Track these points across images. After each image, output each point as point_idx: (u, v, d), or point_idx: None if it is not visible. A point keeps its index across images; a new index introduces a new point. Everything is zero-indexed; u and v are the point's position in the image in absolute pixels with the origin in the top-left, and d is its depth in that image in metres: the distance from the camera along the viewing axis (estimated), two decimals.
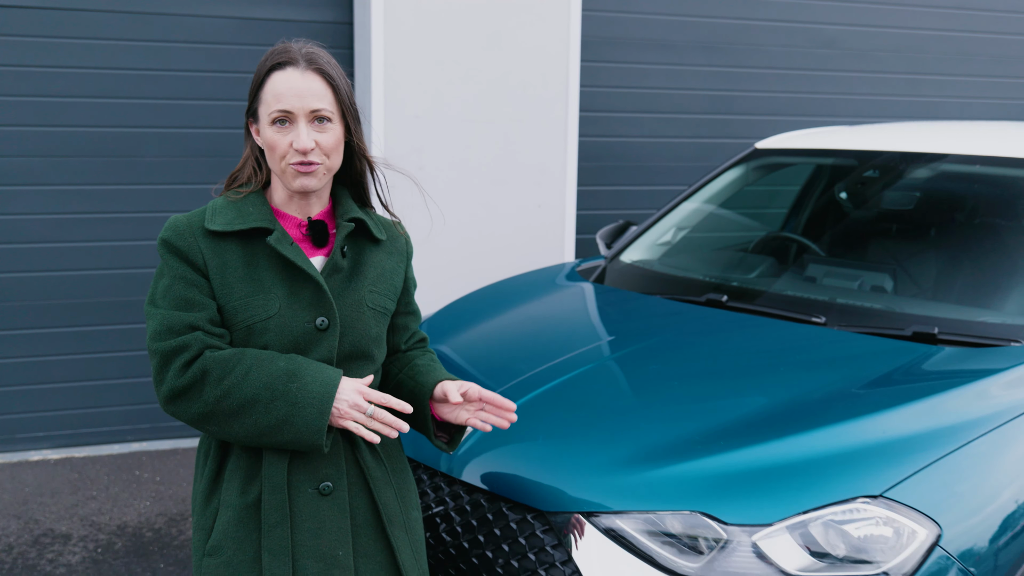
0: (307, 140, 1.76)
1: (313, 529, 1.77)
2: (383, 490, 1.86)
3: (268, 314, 1.78)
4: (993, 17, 6.45)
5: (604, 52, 5.50)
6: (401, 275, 1.95)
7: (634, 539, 1.96)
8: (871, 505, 1.92)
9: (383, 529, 1.85)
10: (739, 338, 2.66)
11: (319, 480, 1.79)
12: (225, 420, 1.72)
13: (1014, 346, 2.46)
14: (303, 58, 1.80)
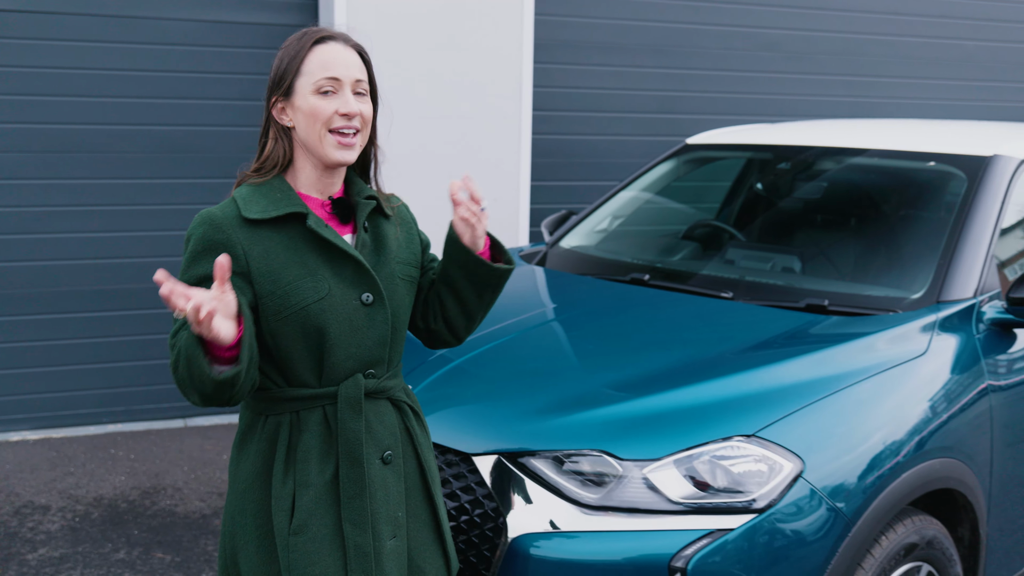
0: (355, 105, 1.84)
1: (383, 497, 1.87)
2: (427, 454, 1.99)
3: (320, 295, 1.81)
4: (927, 22, 6.82)
5: (556, 54, 5.81)
6: (416, 241, 2.04)
7: (545, 475, 2.27)
8: (745, 443, 2.24)
9: (428, 489, 1.97)
10: (653, 310, 2.99)
11: (383, 450, 1.88)
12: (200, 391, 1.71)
13: (891, 314, 2.79)
14: (341, 36, 1.89)
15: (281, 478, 1.85)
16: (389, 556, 1.87)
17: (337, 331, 1.83)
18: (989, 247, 2.98)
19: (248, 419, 1.92)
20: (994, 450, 2.77)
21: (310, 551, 1.83)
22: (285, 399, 1.87)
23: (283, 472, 1.86)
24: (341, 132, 1.84)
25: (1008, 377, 2.82)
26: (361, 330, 1.85)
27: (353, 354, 1.86)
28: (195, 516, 4.20)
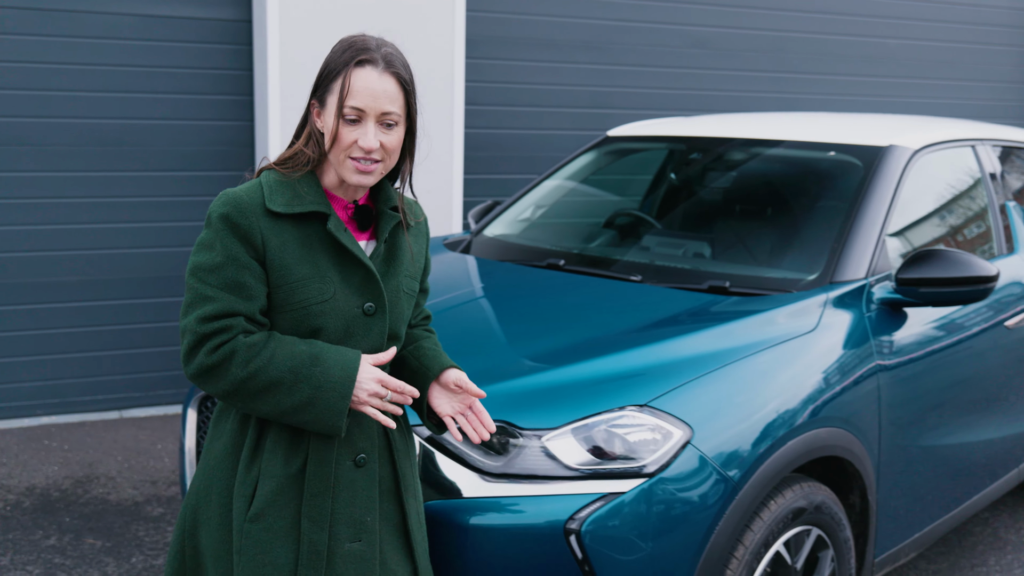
0: (373, 140, 1.83)
1: (348, 498, 1.89)
2: (403, 461, 2.00)
3: (324, 298, 1.84)
4: (852, 21, 7.04)
5: (489, 50, 5.93)
6: (424, 256, 2.05)
7: (451, 445, 2.38)
8: (638, 412, 2.37)
9: (399, 495, 1.99)
10: (564, 294, 3.12)
11: (356, 452, 1.90)
12: (249, 398, 1.79)
13: (786, 294, 2.95)
14: (383, 58, 1.87)
15: (247, 464, 1.89)
16: (346, 558, 1.89)
17: (332, 334, 1.86)
18: (881, 232, 3.15)
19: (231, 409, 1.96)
20: (882, 427, 2.93)
21: (263, 540, 1.86)
22: None
23: (249, 459, 1.89)
24: (360, 160, 1.85)
25: (895, 357, 2.99)
26: (356, 336, 1.88)
27: None
28: (128, 503, 4.25)
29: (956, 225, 3.75)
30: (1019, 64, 7.82)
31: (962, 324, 3.34)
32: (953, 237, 3.70)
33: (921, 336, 3.13)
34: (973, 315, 3.40)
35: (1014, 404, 3.70)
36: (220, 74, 5.31)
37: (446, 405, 2.00)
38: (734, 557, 2.45)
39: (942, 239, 3.61)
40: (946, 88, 7.47)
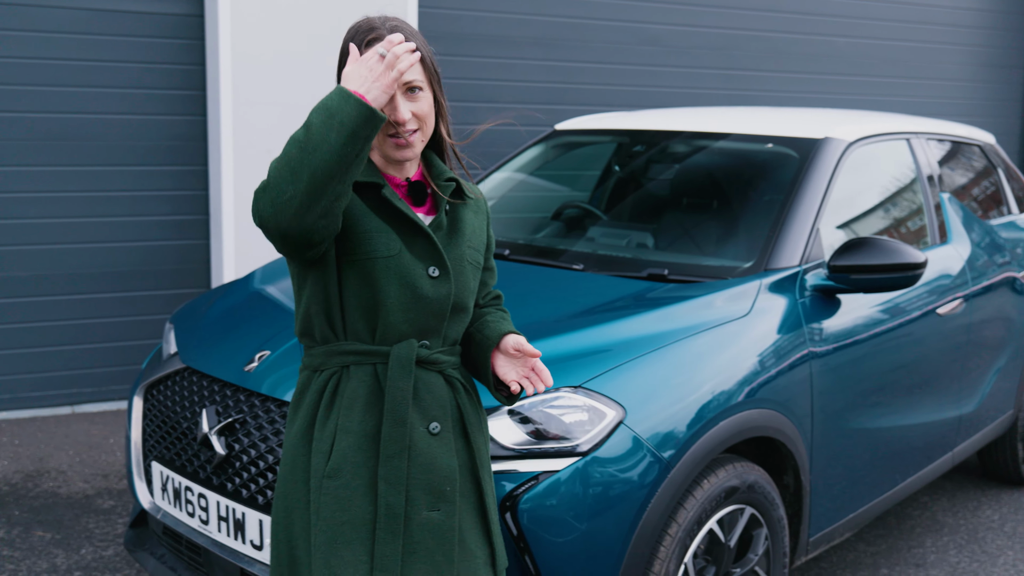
0: (405, 112, 1.84)
1: (425, 464, 1.87)
2: (477, 435, 1.98)
3: (390, 252, 1.85)
4: (801, 19, 7.18)
5: (444, 46, 5.97)
6: (485, 232, 2.05)
7: None
8: (573, 393, 2.44)
9: (476, 472, 1.96)
10: (507, 281, 3.16)
11: (429, 420, 1.89)
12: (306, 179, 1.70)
13: (721, 280, 3.03)
14: (389, 31, 1.88)
15: (323, 421, 1.89)
16: (424, 526, 1.87)
17: (399, 292, 1.86)
18: (815, 221, 3.24)
19: (303, 379, 1.96)
20: (815, 410, 3.02)
21: (342, 497, 1.85)
22: (339, 352, 1.90)
23: (325, 416, 1.89)
24: (395, 135, 1.86)
25: (827, 344, 3.08)
26: (423, 298, 1.88)
27: (410, 319, 1.88)
28: (78, 496, 4.26)
29: (890, 215, 3.85)
30: (962, 62, 8.00)
31: (896, 311, 3.44)
32: (887, 227, 3.81)
33: (854, 323, 3.23)
34: (907, 302, 3.50)
35: (947, 390, 3.81)
36: (172, 69, 5.32)
37: (511, 371, 1.96)
38: (667, 534, 2.52)
39: (876, 229, 3.72)
40: (892, 85, 7.63)
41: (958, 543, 4.13)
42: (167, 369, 2.99)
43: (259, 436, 2.59)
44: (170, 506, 2.83)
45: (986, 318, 4.07)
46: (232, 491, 2.62)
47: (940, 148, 4.26)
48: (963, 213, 4.14)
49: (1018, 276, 4.34)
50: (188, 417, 2.80)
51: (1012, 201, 4.79)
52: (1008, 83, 8.32)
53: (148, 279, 5.41)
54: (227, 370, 2.77)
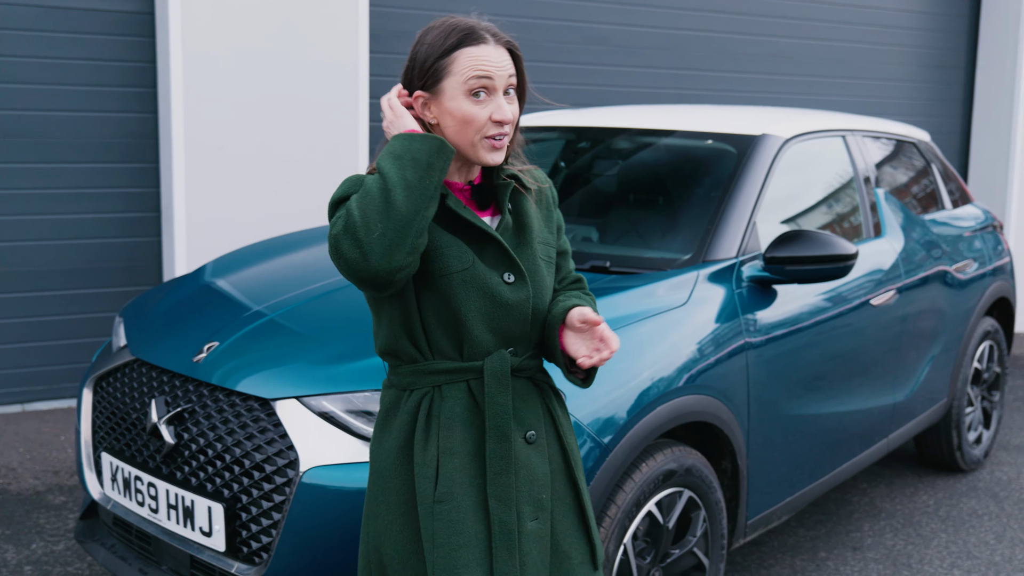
0: (508, 111, 1.82)
1: (527, 476, 1.86)
2: (569, 437, 1.97)
3: (464, 265, 1.82)
4: (749, 20, 7.32)
5: (393, 44, 6.03)
6: (552, 220, 1.99)
7: (336, 415, 2.50)
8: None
9: (571, 474, 1.94)
10: None
11: (525, 429, 1.88)
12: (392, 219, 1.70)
13: (660, 271, 3.13)
14: (490, 33, 1.86)
15: (423, 444, 1.86)
16: (530, 537, 1.86)
17: (478, 304, 1.84)
18: (752, 214, 3.35)
19: (391, 397, 1.93)
20: (751, 397, 3.13)
21: (455, 520, 1.83)
22: (429, 372, 1.87)
23: (424, 439, 1.86)
24: (495, 137, 1.83)
25: (763, 334, 3.19)
26: (503, 307, 1.85)
27: (494, 329, 1.86)
28: (29, 493, 4.26)
29: (826, 210, 3.98)
30: (905, 63, 8.20)
31: (830, 302, 3.56)
32: (823, 221, 3.94)
33: (789, 313, 3.34)
34: (841, 294, 3.63)
35: (882, 378, 3.95)
36: (122, 66, 5.32)
37: (581, 347, 1.89)
38: (607, 516, 2.61)
39: (813, 223, 3.84)
40: (836, 85, 7.80)
41: (894, 527, 4.27)
42: (117, 361, 3.03)
43: (208, 425, 2.64)
44: (120, 496, 2.87)
45: (919, 310, 4.22)
46: (181, 479, 2.67)
47: (876, 145, 4.41)
48: (897, 208, 4.28)
49: (950, 270, 4.49)
50: (138, 408, 2.84)
51: (946, 197, 4.95)
52: (950, 84, 8.53)
53: (99, 276, 5.41)
54: (176, 361, 2.82)
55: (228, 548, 2.57)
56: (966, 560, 3.96)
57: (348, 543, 2.42)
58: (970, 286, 4.67)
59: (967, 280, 4.64)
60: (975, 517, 4.39)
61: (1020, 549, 4.08)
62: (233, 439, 2.58)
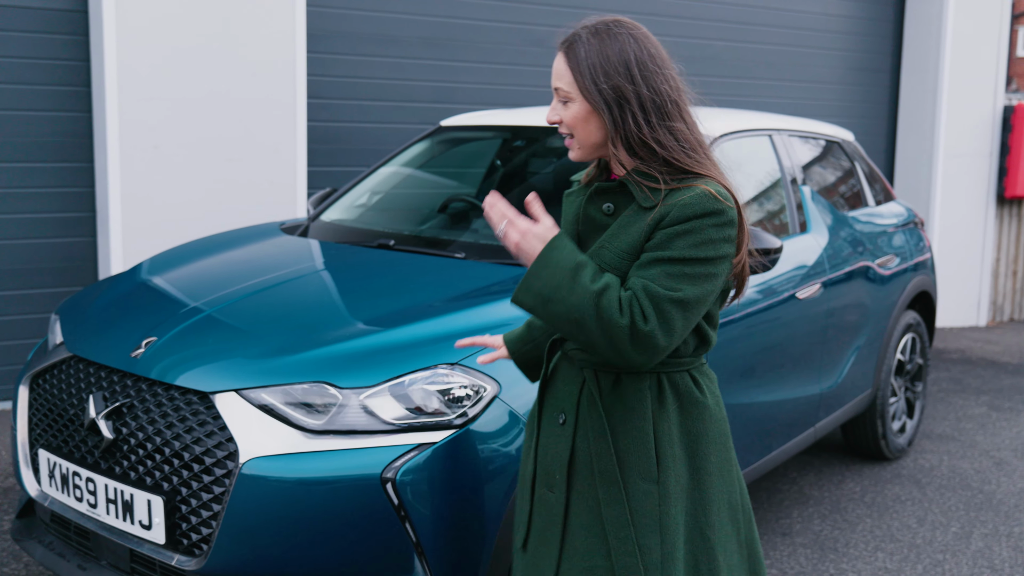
0: (550, 114, 1.96)
1: (545, 447, 2.01)
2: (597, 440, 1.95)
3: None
4: (681, 23, 7.47)
5: (331, 44, 6.06)
6: (642, 231, 1.88)
7: (275, 407, 2.54)
8: (450, 370, 2.59)
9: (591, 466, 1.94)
10: (391, 268, 3.31)
11: (559, 412, 1.99)
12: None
13: None
14: (562, 41, 1.97)
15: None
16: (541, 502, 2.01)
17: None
18: None
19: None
20: None
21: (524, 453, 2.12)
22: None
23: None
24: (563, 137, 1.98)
25: None
26: None
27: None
28: None
29: (755, 206, 4.11)
30: (831, 66, 8.43)
31: (757, 296, 3.68)
32: (751, 217, 4.06)
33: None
34: (767, 288, 3.75)
35: (809, 369, 4.09)
36: (55, 64, 5.27)
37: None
38: None
39: None
40: (767, 87, 8.00)
41: (822, 513, 4.41)
42: (53, 359, 3.03)
43: (147, 419, 2.66)
44: (58, 492, 2.87)
45: (844, 303, 4.37)
46: (120, 474, 2.68)
47: (802, 144, 4.55)
48: (823, 205, 4.43)
49: (873, 265, 4.66)
50: (75, 404, 2.85)
51: (869, 194, 5.12)
52: (876, 86, 8.79)
53: (33, 277, 5.35)
54: (114, 357, 2.83)
55: (168, 540, 2.59)
56: (890, 543, 4.12)
57: (288, 532, 2.47)
58: (893, 281, 4.85)
59: (890, 275, 4.82)
60: (899, 503, 4.56)
61: (941, 532, 4.25)
62: (172, 432, 2.60)
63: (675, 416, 1.97)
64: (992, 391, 6.63)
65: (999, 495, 4.71)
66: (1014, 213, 9.18)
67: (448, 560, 2.50)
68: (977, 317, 8.99)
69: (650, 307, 1.80)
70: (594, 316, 1.78)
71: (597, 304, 1.78)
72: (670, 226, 1.86)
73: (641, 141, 1.91)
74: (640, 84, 1.93)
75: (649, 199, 1.89)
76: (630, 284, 1.84)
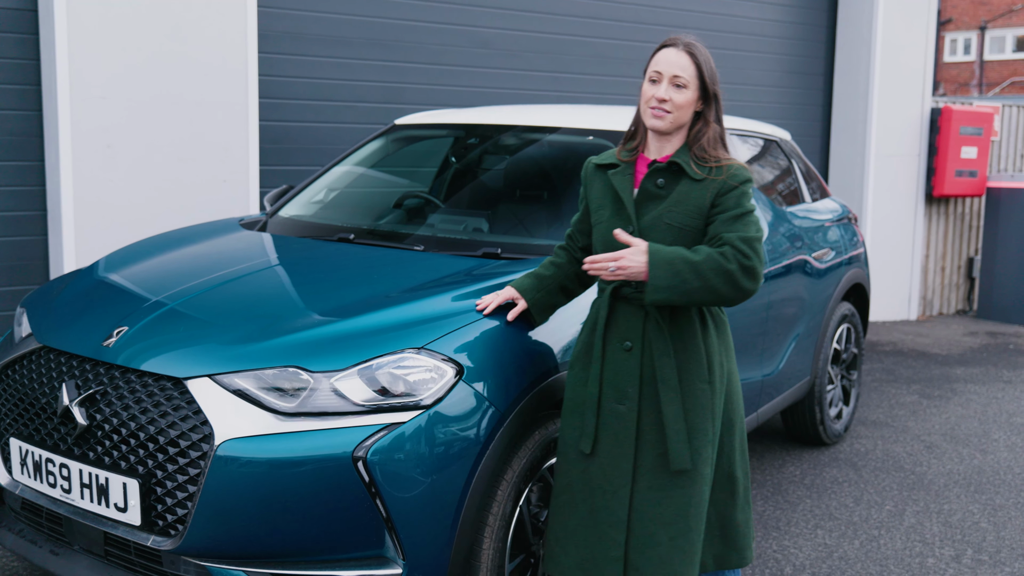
0: (664, 92, 2.63)
1: (614, 370, 2.66)
2: (661, 357, 2.63)
3: (601, 220, 2.72)
4: (622, 26, 7.67)
5: (282, 45, 6.13)
6: (705, 199, 2.63)
7: (248, 391, 2.64)
8: (416, 354, 2.71)
9: (655, 383, 2.62)
10: (352, 261, 3.42)
11: (623, 339, 2.66)
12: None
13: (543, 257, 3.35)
14: (683, 43, 2.67)
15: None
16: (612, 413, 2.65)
17: (603, 248, 2.69)
18: None
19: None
20: None
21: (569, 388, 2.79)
22: (599, 290, 2.79)
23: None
24: (655, 108, 2.64)
25: None
26: (618, 248, 2.60)
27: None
28: None
29: None
30: (770, 69, 8.71)
31: None
32: None
33: None
34: None
35: (750, 357, 4.28)
36: (3, 63, 5.27)
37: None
38: (503, 479, 2.82)
39: None
40: None
41: (764, 495, 4.61)
42: (22, 350, 3.08)
43: (121, 405, 2.74)
44: (30, 479, 2.93)
45: (783, 295, 4.57)
46: (95, 459, 2.75)
47: (741, 142, 4.75)
48: (762, 201, 4.63)
49: (810, 258, 4.87)
50: (47, 392, 2.91)
51: (805, 191, 5.35)
52: (811, 89, 9.09)
53: None
54: (86, 346, 2.91)
55: (144, 522, 2.68)
56: (828, 521, 4.33)
57: (262, 511, 2.57)
58: (828, 273, 5.08)
59: (826, 268, 5.04)
60: (836, 484, 4.78)
61: (876, 510, 4.48)
62: (147, 417, 2.69)
63: (713, 333, 2.71)
64: (923, 380, 6.93)
65: (930, 476, 4.96)
66: (942, 211, 9.56)
67: (417, 533, 2.62)
68: (908, 311, 9.35)
69: (747, 248, 2.56)
70: (712, 274, 2.52)
71: (710, 267, 2.53)
72: (731, 191, 2.63)
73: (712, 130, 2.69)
74: (720, 90, 2.71)
75: (698, 174, 2.65)
76: (725, 238, 2.58)
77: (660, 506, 2.63)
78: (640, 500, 2.64)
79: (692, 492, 2.64)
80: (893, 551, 4.05)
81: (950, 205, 9.61)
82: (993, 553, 4.06)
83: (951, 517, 4.43)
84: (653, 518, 2.63)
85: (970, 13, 36.04)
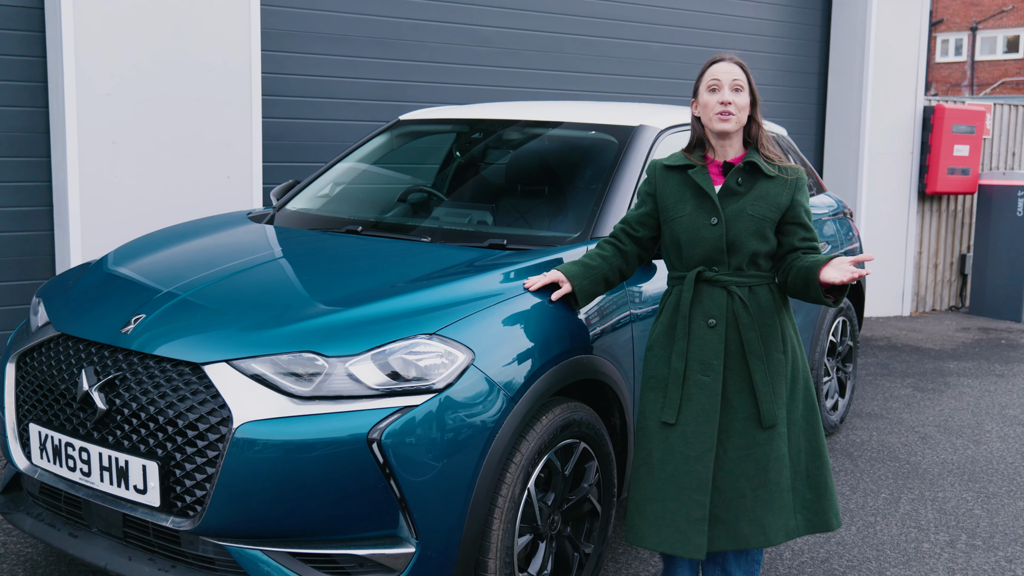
0: (729, 95, 2.92)
1: (698, 343, 2.90)
2: (747, 330, 2.90)
3: (683, 214, 2.94)
4: (621, 25, 7.75)
5: (285, 43, 6.20)
6: (783, 196, 2.94)
7: (266, 376, 2.71)
8: (428, 340, 2.78)
9: (745, 356, 2.89)
10: (362, 252, 3.50)
11: (707, 317, 2.90)
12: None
13: (552, 247, 3.44)
14: (728, 56, 3.00)
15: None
16: (698, 385, 2.89)
17: (687, 238, 2.93)
18: (633, 195, 3.70)
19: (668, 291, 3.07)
20: (635, 358, 3.47)
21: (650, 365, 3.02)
22: (672, 277, 3.03)
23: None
24: (721, 113, 2.91)
25: (644, 306, 3.54)
26: (705, 240, 2.90)
27: (697, 254, 2.92)
28: None
29: None
30: (764, 68, 8.80)
31: None
32: None
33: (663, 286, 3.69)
34: None
35: None
36: (10, 60, 5.33)
37: (836, 275, 2.80)
38: (512, 462, 2.90)
39: None
40: None
41: None
42: (40, 337, 3.15)
43: (140, 390, 2.81)
44: (49, 463, 3.00)
45: None
46: (114, 443, 2.83)
47: None
48: None
49: None
50: (66, 379, 2.98)
51: None
52: (806, 87, 9.19)
53: None
54: (104, 333, 2.98)
55: (163, 504, 2.75)
56: None
57: (279, 491, 2.64)
58: None
59: None
60: (833, 473, 4.86)
61: (872, 498, 4.57)
62: (166, 401, 2.76)
63: (783, 309, 3.01)
64: (916, 374, 7.03)
65: (924, 465, 5.05)
66: (934, 209, 9.66)
67: (430, 513, 2.69)
68: (901, 307, 9.45)
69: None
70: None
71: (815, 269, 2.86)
72: (800, 190, 2.99)
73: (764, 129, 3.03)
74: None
75: (771, 171, 2.96)
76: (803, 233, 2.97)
77: (745, 463, 2.91)
78: (727, 460, 2.90)
79: (770, 448, 2.91)
80: (889, 536, 4.14)
81: (942, 202, 9.71)
82: (987, 538, 4.15)
83: (945, 504, 4.52)
84: (740, 474, 2.90)
85: (961, 14, 36.24)
